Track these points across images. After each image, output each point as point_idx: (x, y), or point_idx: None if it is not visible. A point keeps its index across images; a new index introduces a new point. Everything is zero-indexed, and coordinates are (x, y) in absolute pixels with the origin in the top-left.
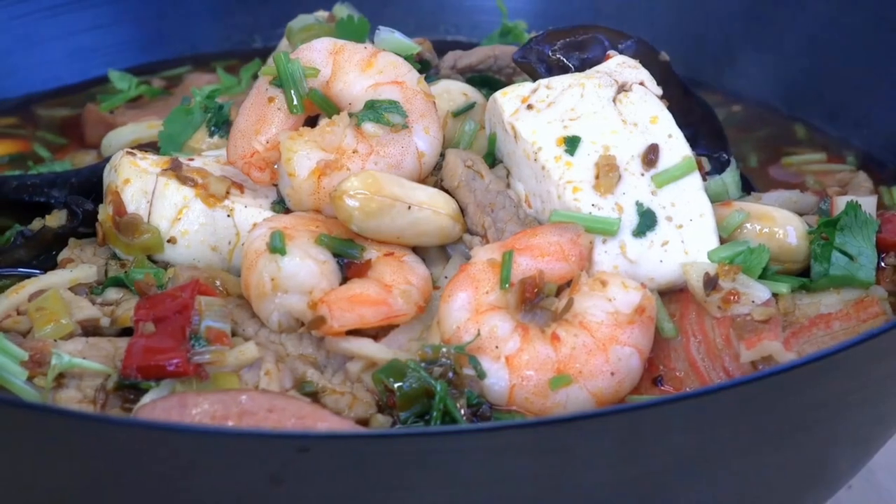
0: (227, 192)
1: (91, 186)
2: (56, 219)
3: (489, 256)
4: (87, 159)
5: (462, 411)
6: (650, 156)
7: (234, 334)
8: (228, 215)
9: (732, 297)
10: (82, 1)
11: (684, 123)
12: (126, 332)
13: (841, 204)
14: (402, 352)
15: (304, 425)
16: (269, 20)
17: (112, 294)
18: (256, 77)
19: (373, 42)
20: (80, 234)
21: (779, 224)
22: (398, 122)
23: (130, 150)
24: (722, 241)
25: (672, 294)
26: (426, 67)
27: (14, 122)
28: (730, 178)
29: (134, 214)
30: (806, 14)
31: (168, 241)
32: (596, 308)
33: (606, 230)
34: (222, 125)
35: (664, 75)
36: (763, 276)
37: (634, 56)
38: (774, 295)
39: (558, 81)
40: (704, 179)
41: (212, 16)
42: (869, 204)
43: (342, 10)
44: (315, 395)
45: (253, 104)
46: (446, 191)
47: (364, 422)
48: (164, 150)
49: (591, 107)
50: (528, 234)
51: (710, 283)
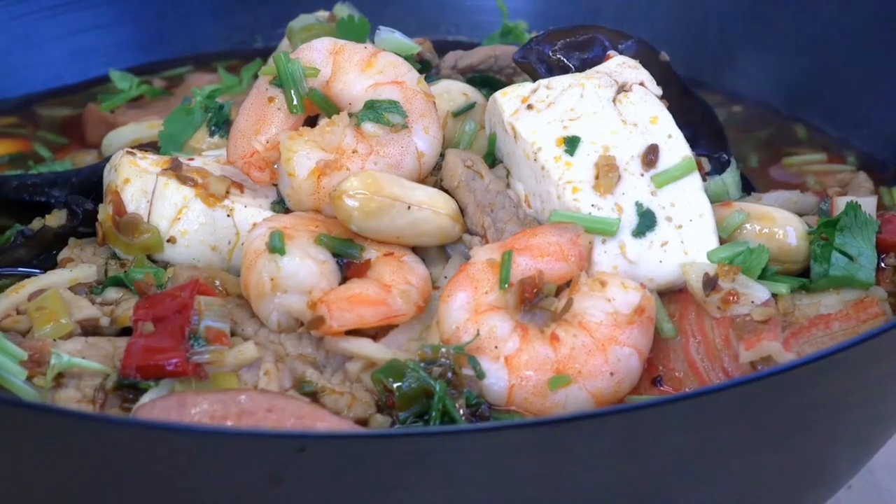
0: (227, 192)
1: (91, 186)
2: (56, 218)
3: (488, 256)
4: (87, 159)
5: (461, 411)
6: (650, 156)
7: (233, 334)
8: (228, 215)
9: (732, 298)
10: (83, 0)
11: (684, 124)
12: (126, 331)
13: (841, 204)
14: (402, 352)
15: (302, 425)
16: (270, 20)
17: (112, 294)
18: (257, 77)
19: (373, 42)
20: (80, 233)
21: (779, 224)
22: (398, 122)
23: (130, 150)
24: (722, 242)
25: (671, 294)
26: (426, 67)
27: (15, 122)
28: (730, 178)
29: (134, 214)
30: (806, 14)
31: (168, 240)
32: (595, 308)
33: (606, 230)
34: (223, 125)
35: (664, 75)
36: (762, 277)
37: (635, 56)
38: (774, 295)
39: (558, 81)
40: (704, 180)
41: (213, 16)
42: (869, 204)
43: (343, 10)
44: (314, 395)
45: (253, 104)
46: (446, 191)
47: (363, 422)
48: (164, 150)
49: (591, 107)
50: (527, 234)
51: (710, 283)
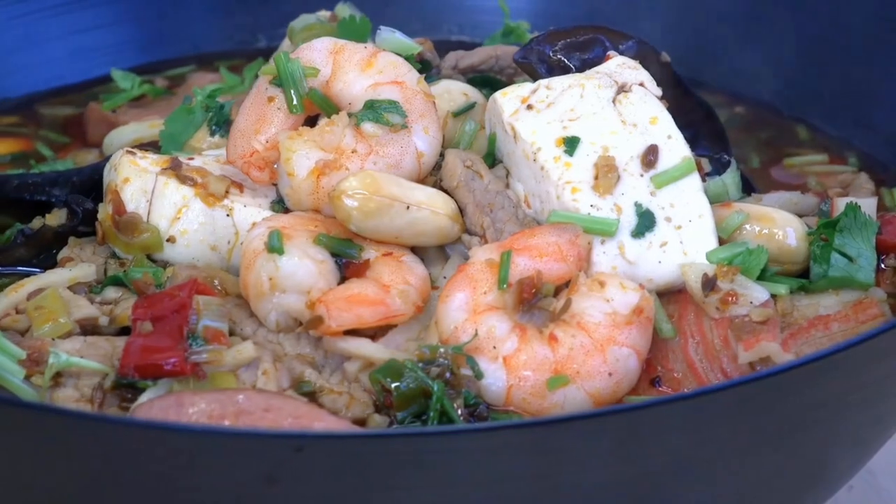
0: (227, 192)
1: (92, 185)
2: (56, 217)
3: (487, 257)
4: (89, 158)
5: (459, 411)
6: (649, 156)
7: (232, 334)
8: (228, 215)
9: (731, 298)
10: (86, 0)
11: (685, 124)
12: (125, 331)
13: (841, 205)
14: (400, 352)
15: (300, 425)
16: (273, 19)
17: (111, 293)
18: (257, 76)
19: (374, 42)
20: (80, 232)
21: (778, 225)
22: (397, 122)
23: (130, 150)
24: (721, 243)
25: (670, 295)
26: (427, 67)
27: (17, 121)
28: (730, 179)
29: (133, 213)
30: (807, 14)
31: (167, 240)
32: (594, 309)
33: (605, 231)
34: (223, 124)
35: (665, 76)
36: (762, 278)
37: (635, 57)
38: (773, 296)
39: (558, 82)
40: (704, 180)
41: (216, 15)
42: (869, 205)
43: (344, 10)
44: (312, 395)
45: (253, 104)
46: (445, 191)
47: (361, 422)
48: (164, 150)
49: (591, 107)
50: (526, 234)
51: (709, 283)
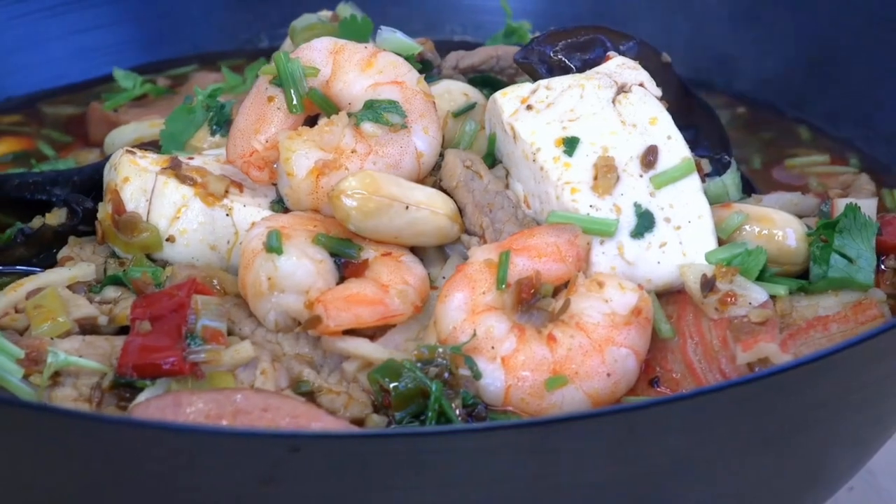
0: (226, 191)
1: (93, 184)
2: (56, 217)
3: (486, 257)
4: (90, 157)
5: (457, 412)
6: (649, 157)
7: (230, 333)
8: (227, 214)
9: (729, 299)
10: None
11: (685, 125)
12: (124, 330)
13: (841, 206)
14: (399, 352)
15: (298, 424)
16: (275, 19)
17: (110, 292)
18: (258, 76)
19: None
20: (80, 232)
21: (778, 226)
22: (397, 121)
23: (130, 149)
24: (721, 243)
25: (669, 295)
26: (428, 67)
27: (19, 120)
28: (730, 179)
29: (133, 213)
30: (809, 15)
31: (167, 239)
32: (592, 309)
33: (604, 231)
34: (224, 124)
35: (666, 77)
36: (761, 278)
37: (636, 57)
38: (772, 297)
39: (558, 82)
40: (703, 181)
41: (218, 15)
42: (869, 206)
43: (346, 10)
44: (311, 395)
45: (252, 103)
46: (445, 191)
47: (359, 421)
48: (165, 149)
49: (591, 108)
50: (525, 234)
51: (708, 284)
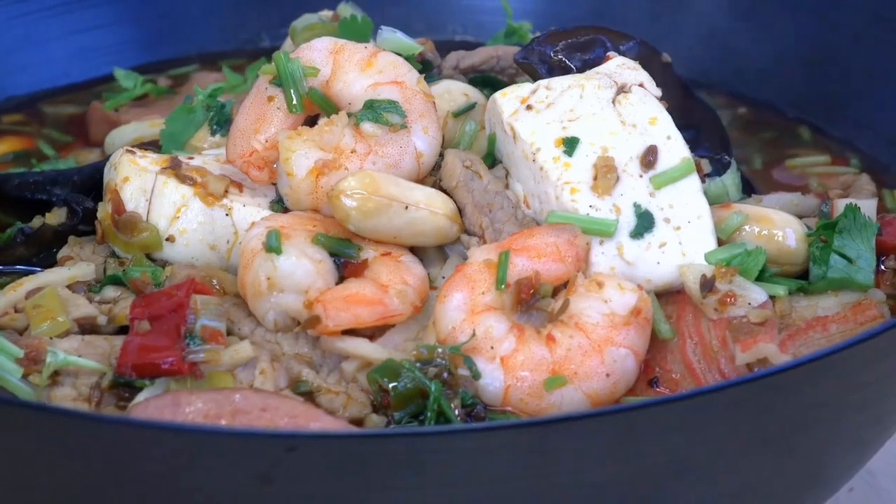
0: (226, 191)
1: (93, 184)
2: (56, 216)
3: (486, 257)
4: (91, 157)
5: (456, 412)
6: (649, 157)
7: (230, 333)
8: (227, 214)
9: (729, 299)
10: None
11: (685, 125)
12: (123, 330)
13: (841, 207)
14: (398, 352)
15: (296, 424)
16: (277, 19)
17: (110, 292)
18: (258, 76)
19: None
20: (80, 231)
21: (778, 226)
22: (397, 121)
23: (130, 149)
24: (721, 244)
25: (669, 295)
26: (428, 67)
27: (20, 119)
28: (730, 179)
29: (133, 213)
30: (808, 14)
31: (167, 239)
32: (592, 309)
33: (604, 231)
34: (224, 124)
35: (666, 77)
36: (760, 279)
37: (636, 57)
38: (772, 297)
39: (558, 82)
40: (703, 181)
41: (219, 15)
42: (869, 207)
43: (346, 10)
44: (310, 395)
45: (252, 103)
46: (444, 191)
47: (358, 421)
48: (165, 149)
49: (591, 108)
50: (524, 234)
51: (707, 284)
